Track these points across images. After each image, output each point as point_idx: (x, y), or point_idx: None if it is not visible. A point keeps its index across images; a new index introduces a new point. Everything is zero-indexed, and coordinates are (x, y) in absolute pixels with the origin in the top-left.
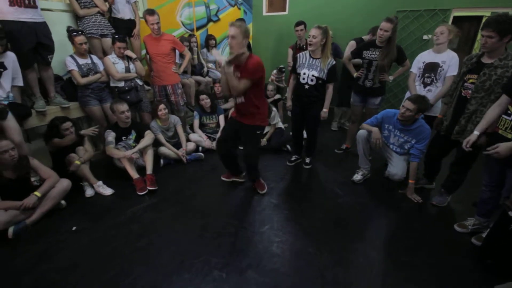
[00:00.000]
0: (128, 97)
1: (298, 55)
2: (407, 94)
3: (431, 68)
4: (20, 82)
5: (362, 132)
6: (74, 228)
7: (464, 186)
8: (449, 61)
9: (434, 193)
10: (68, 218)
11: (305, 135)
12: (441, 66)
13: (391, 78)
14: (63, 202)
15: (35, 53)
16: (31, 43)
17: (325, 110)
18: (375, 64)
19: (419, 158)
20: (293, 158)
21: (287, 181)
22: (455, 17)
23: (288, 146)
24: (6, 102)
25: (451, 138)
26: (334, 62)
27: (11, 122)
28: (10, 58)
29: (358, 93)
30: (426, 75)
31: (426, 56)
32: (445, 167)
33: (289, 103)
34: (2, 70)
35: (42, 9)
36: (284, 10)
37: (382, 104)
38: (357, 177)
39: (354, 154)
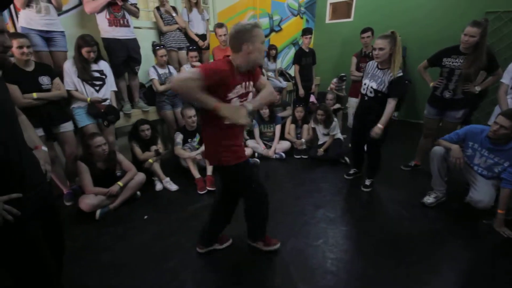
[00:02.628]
0: (196, 103)
1: (368, 63)
2: (497, 108)
3: None
4: (115, 87)
5: (438, 149)
6: (145, 217)
7: None
8: None
9: None
10: (141, 207)
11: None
12: None
13: (477, 88)
14: (138, 193)
15: (125, 65)
16: (123, 57)
17: (380, 126)
18: (457, 73)
19: None
20: (352, 171)
21: (344, 195)
22: None
23: (347, 158)
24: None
25: None
26: (401, 74)
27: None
28: (107, 66)
29: (434, 105)
30: None
31: None
32: None
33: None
34: (104, 77)
35: (134, 27)
36: (349, 17)
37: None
38: (429, 199)
39: (424, 173)
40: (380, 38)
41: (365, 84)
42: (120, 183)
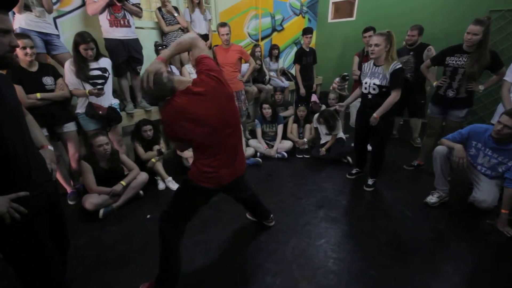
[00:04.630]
0: None
1: (363, 64)
2: (500, 107)
3: None
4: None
5: (441, 149)
6: (148, 216)
7: None
8: None
9: None
10: (144, 206)
11: (369, 148)
12: None
13: (481, 87)
14: (141, 192)
15: (127, 65)
16: (124, 56)
17: (375, 115)
18: (461, 72)
19: None
20: (354, 171)
21: (346, 195)
22: None
23: (349, 158)
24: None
25: None
26: (399, 66)
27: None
28: (109, 63)
29: (437, 104)
30: None
31: None
32: None
33: (344, 107)
34: (107, 74)
35: (136, 27)
36: (351, 16)
37: (468, 117)
38: (432, 199)
39: (427, 173)
40: (376, 35)
41: (366, 83)
42: (123, 182)
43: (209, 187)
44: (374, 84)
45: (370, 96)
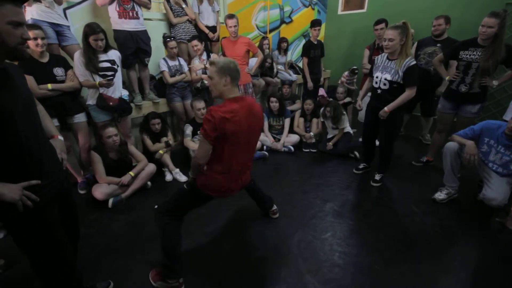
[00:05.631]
0: (201, 95)
1: (376, 57)
2: None
3: None
4: None
5: (451, 145)
6: (156, 206)
7: None
8: None
9: None
10: (152, 197)
11: (377, 143)
12: None
13: (495, 83)
14: (149, 183)
15: (135, 56)
16: (132, 48)
17: (385, 109)
18: (475, 66)
19: None
20: (361, 166)
21: (353, 189)
22: None
23: (356, 153)
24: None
25: None
26: (414, 62)
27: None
28: (118, 55)
29: (449, 99)
30: None
31: None
32: None
33: (359, 102)
34: (116, 67)
35: (144, 19)
36: (362, 8)
37: (480, 113)
38: (440, 195)
39: (436, 169)
40: (391, 29)
41: (377, 77)
42: (131, 173)
43: (216, 196)
44: (385, 79)
45: (379, 91)
